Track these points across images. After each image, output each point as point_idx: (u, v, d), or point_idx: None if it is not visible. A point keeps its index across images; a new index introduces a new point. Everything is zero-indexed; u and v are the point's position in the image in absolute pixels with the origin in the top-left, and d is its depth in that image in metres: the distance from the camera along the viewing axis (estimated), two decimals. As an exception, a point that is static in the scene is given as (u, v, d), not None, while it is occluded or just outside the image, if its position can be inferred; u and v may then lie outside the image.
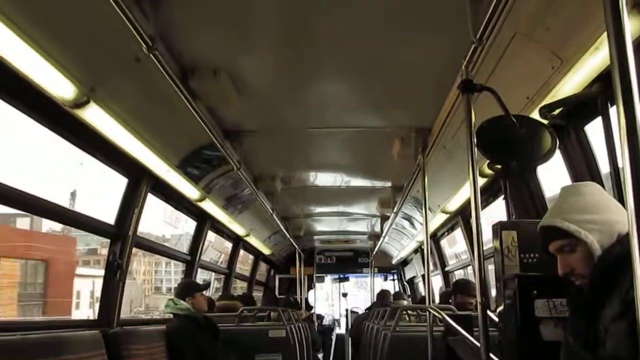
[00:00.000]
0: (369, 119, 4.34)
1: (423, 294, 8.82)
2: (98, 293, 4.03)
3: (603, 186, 2.75)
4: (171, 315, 4.58)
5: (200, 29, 2.95)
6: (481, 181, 4.22)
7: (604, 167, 2.87)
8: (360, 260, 11.99)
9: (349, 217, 8.62)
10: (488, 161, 3.50)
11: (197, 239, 6.05)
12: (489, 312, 2.47)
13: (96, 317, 3.96)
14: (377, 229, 9.06)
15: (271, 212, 6.49)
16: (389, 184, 6.48)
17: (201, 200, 5.19)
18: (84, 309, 18.17)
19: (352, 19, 2.86)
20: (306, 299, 10.94)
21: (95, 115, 3.00)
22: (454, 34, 2.80)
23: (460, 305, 4.68)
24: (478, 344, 2.46)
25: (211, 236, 7.07)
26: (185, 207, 5.55)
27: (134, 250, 4.19)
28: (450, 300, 5.22)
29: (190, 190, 4.85)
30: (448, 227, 6.81)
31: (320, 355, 9.22)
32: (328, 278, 13.29)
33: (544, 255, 1.90)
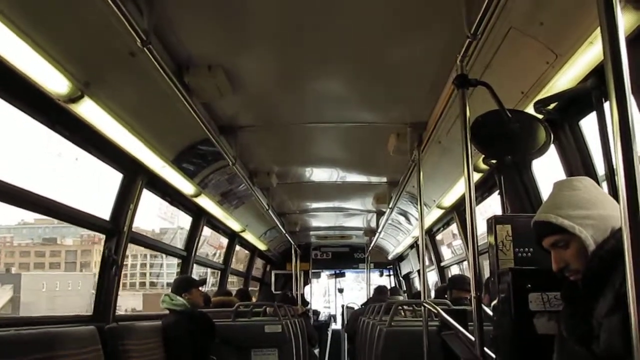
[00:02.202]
0: (364, 114, 4.33)
1: (419, 289, 8.86)
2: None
3: (597, 180, 2.76)
4: (167, 311, 4.58)
5: (195, 24, 2.94)
6: (476, 176, 4.23)
7: (599, 161, 2.88)
8: (356, 255, 12.00)
9: (345, 212, 8.62)
10: (483, 156, 3.50)
11: (193, 235, 6.04)
12: (483, 306, 2.48)
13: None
14: (373, 224, 9.07)
15: (267, 207, 6.49)
16: (384, 180, 6.48)
17: (196, 195, 5.18)
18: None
19: (348, 15, 2.85)
20: (302, 295, 10.95)
21: (89, 110, 2.99)
22: (449, 29, 2.81)
23: (456, 300, 4.69)
24: (473, 338, 2.47)
25: (206, 232, 7.07)
26: (181, 203, 5.55)
27: (93, 236, 4.18)
28: (445, 296, 5.24)
29: (185, 186, 4.85)
30: (444, 222, 6.83)
31: (316, 351, 9.23)
32: (324, 274, 13.30)
33: (539, 249, 1.90)
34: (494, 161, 3.10)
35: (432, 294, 7.21)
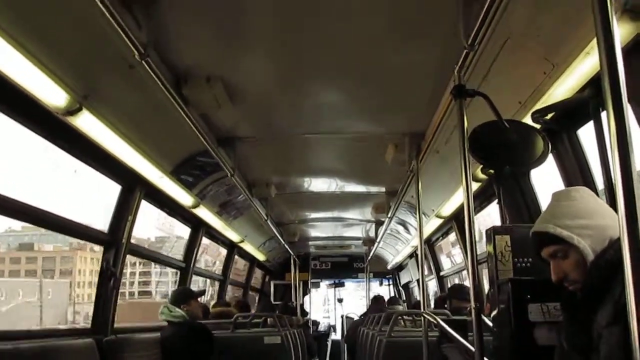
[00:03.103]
0: (362, 125, 4.34)
1: (418, 299, 8.84)
2: None
3: (596, 190, 2.76)
4: (165, 323, 4.56)
5: (192, 36, 2.94)
6: (475, 186, 4.23)
7: (597, 171, 2.88)
8: (356, 265, 11.97)
9: (344, 222, 8.61)
10: (481, 166, 3.50)
11: (192, 246, 6.02)
12: (483, 316, 2.47)
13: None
14: (372, 234, 9.05)
15: (265, 218, 6.48)
16: (383, 189, 6.48)
17: (195, 206, 5.17)
18: None
19: (346, 26, 2.86)
20: (301, 305, 10.91)
21: (88, 123, 2.99)
22: (447, 39, 2.82)
23: (456, 310, 4.67)
24: (473, 349, 2.46)
25: (205, 243, 7.04)
26: (180, 214, 5.54)
27: (81, 244, 4.16)
28: (445, 305, 5.22)
29: (184, 197, 4.84)
30: (443, 231, 6.82)
31: (316, 362, 9.18)
32: (323, 284, 13.27)
33: (538, 259, 1.90)
34: (492, 171, 3.10)
35: (432, 304, 7.20)
